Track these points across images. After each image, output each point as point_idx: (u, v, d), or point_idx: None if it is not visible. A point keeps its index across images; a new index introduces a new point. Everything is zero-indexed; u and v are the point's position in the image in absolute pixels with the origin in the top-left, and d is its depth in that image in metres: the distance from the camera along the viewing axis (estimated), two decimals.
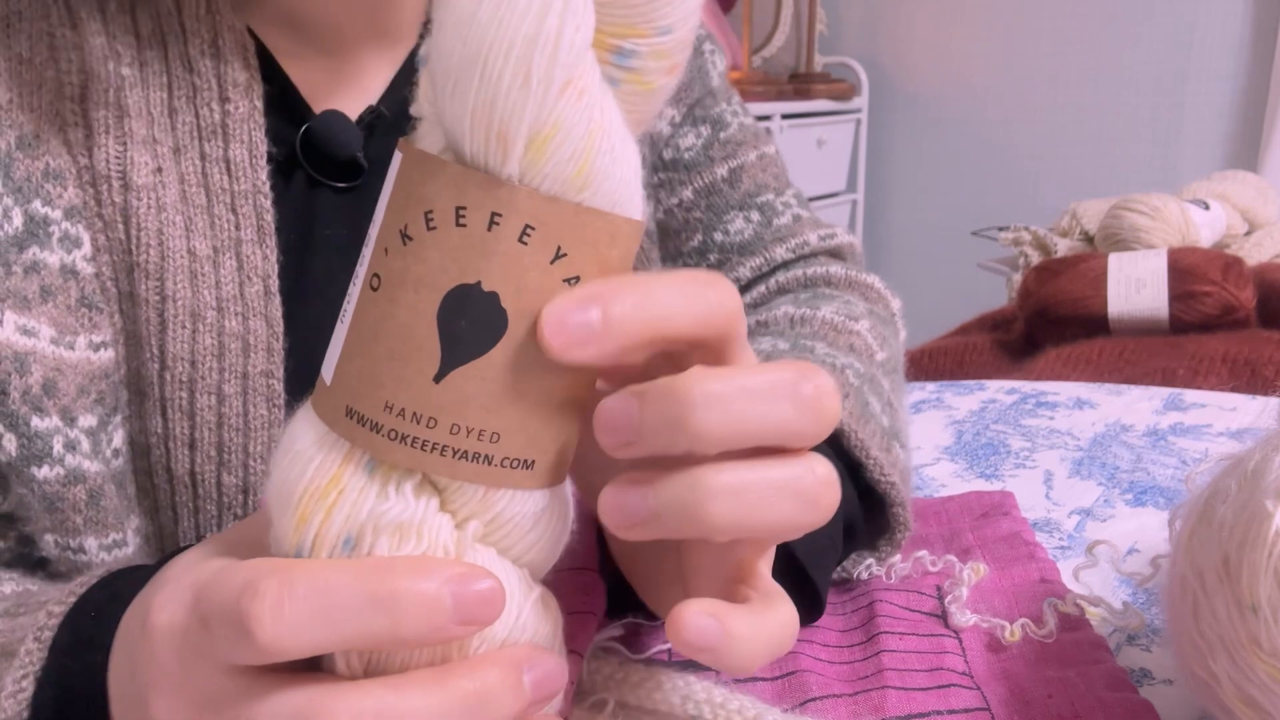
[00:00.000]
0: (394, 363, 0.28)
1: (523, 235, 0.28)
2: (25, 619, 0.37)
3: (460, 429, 0.29)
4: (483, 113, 0.27)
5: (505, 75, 0.27)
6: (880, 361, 0.55)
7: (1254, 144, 2.16)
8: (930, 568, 0.48)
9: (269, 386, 0.52)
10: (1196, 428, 0.67)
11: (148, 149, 0.50)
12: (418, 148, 0.29)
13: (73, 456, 0.49)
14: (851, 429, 0.46)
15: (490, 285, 0.28)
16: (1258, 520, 0.32)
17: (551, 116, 0.27)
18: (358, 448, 0.29)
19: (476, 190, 0.28)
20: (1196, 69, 2.22)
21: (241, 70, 0.52)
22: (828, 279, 0.64)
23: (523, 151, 0.27)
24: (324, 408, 0.30)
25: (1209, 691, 0.34)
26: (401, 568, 0.28)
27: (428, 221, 0.28)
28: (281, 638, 0.26)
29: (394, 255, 0.28)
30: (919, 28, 2.66)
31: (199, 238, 0.51)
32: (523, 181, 0.28)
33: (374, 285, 0.29)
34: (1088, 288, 1.24)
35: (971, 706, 0.39)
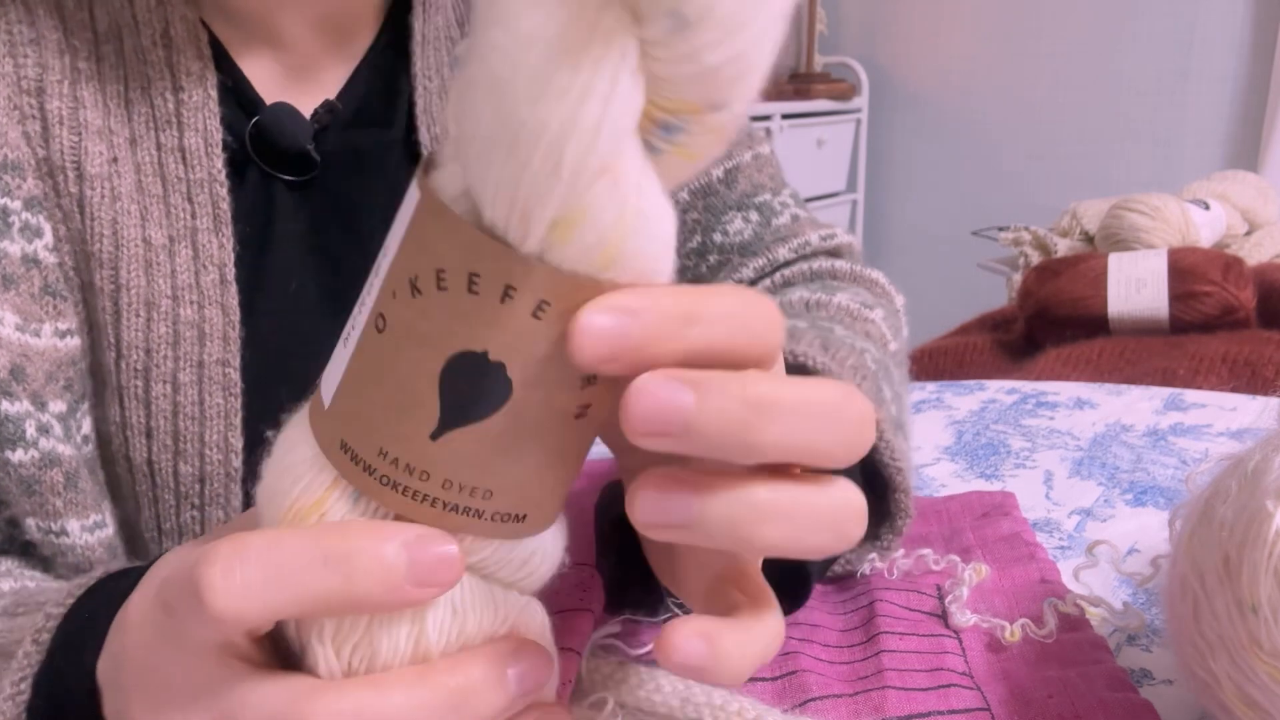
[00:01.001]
0: (392, 413, 0.28)
1: (537, 310, 0.26)
2: (24, 619, 0.38)
3: (453, 485, 0.28)
4: (506, 190, 0.25)
5: (534, 160, 0.25)
6: (893, 352, 0.55)
7: (1254, 144, 2.16)
8: (933, 566, 0.48)
9: (225, 375, 0.52)
10: (1196, 428, 0.67)
11: (103, 139, 0.51)
12: (436, 192, 0.27)
13: (46, 440, 0.49)
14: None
15: (497, 355, 0.27)
16: (1258, 520, 0.32)
17: (580, 204, 0.25)
18: (348, 480, 0.29)
19: (492, 260, 0.26)
20: (1196, 69, 2.22)
21: (194, 59, 0.52)
22: (833, 273, 0.64)
23: (545, 234, 0.26)
24: (320, 432, 0.29)
25: (1209, 692, 0.34)
26: (356, 529, 0.27)
27: (439, 280, 0.26)
28: (233, 600, 0.26)
29: (401, 303, 0.27)
30: (919, 28, 2.66)
31: (154, 226, 0.52)
32: (543, 259, 0.26)
33: (379, 327, 0.28)
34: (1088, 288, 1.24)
35: (971, 707, 0.39)
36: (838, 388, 0.28)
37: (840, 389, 0.28)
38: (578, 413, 0.28)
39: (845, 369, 0.47)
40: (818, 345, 0.48)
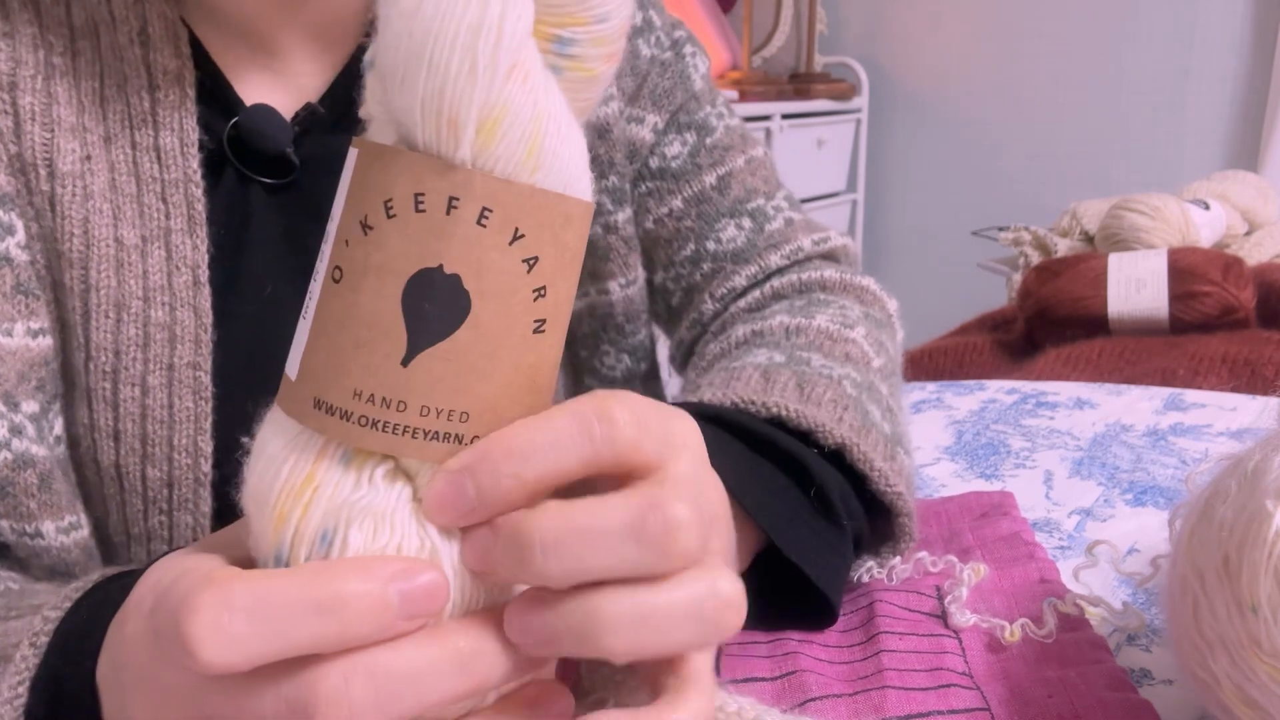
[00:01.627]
0: (361, 350, 0.29)
1: (481, 217, 0.28)
2: (19, 623, 0.37)
3: (430, 410, 0.29)
4: (433, 101, 0.28)
5: (452, 63, 0.28)
6: (877, 368, 0.55)
7: (1254, 144, 2.16)
8: (930, 568, 0.48)
9: (196, 379, 0.51)
10: (1196, 428, 0.67)
11: (76, 136, 0.50)
12: (372, 141, 0.29)
13: (19, 441, 0.49)
14: (853, 443, 0.46)
15: (452, 267, 0.28)
16: (1258, 520, 0.32)
17: (499, 100, 0.28)
18: (330, 439, 0.30)
19: (433, 176, 0.28)
20: (1196, 69, 2.22)
21: (172, 58, 0.51)
22: (823, 284, 0.64)
23: (474, 135, 0.28)
24: (292, 403, 0.30)
25: (1209, 692, 0.34)
26: (343, 571, 0.28)
27: (387, 210, 0.29)
28: (224, 654, 0.26)
29: (355, 245, 0.29)
30: (919, 28, 2.66)
31: (127, 226, 0.51)
32: (476, 165, 0.28)
33: (335, 277, 0.29)
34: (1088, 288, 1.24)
35: (971, 706, 0.39)
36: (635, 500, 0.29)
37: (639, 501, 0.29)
38: (536, 326, 0.30)
39: (824, 407, 0.47)
40: (793, 388, 0.48)
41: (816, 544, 0.44)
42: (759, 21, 2.64)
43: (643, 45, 0.65)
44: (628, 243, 0.66)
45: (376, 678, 0.27)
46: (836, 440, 0.46)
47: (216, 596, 0.26)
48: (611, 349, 0.69)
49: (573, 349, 0.70)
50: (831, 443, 0.46)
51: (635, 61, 0.65)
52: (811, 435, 0.46)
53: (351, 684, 0.27)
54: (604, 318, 0.68)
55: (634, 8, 0.31)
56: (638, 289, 0.68)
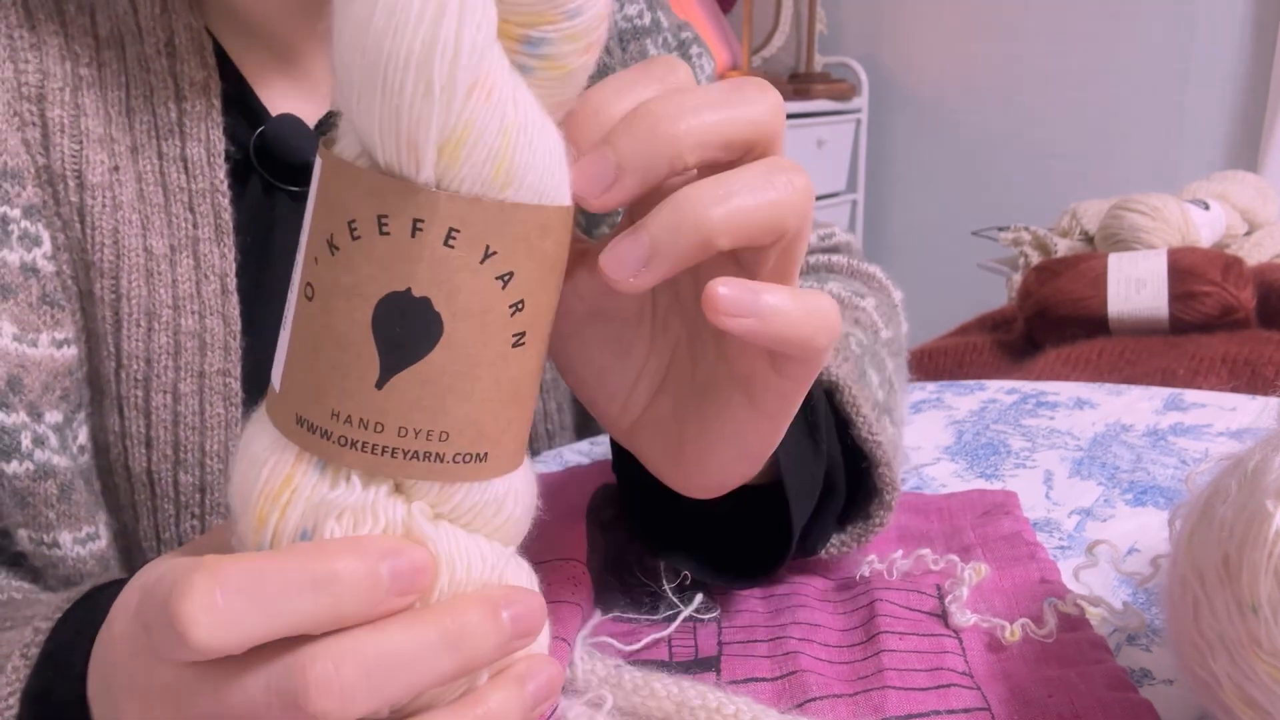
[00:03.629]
0: (335, 372, 0.28)
1: (448, 239, 0.27)
2: (12, 634, 0.37)
3: (408, 431, 0.29)
4: (390, 124, 0.27)
5: (407, 86, 0.26)
6: (885, 340, 0.55)
7: (1254, 144, 2.16)
8: (932, 566, 0.48)
9: (226, 385, 0.52)
10: (1196, 428, 0.67)
11: (104, 148, 0.50)
12: (335, 154, 0.28)
13: (42, 452, 0.49)
14: (846, 385, 0.46)
15: (420, 290, 0.28)
16: (1258, 520, 0.32)
17: (461, 120, 0.27)
18: (311, 453, 0.29)
19: (395, 198, 0.27)
20: (1196, 69, 2.22)
21: (198, 69, 0.52)
22: (830, 267, 0.64)
23: (435, 158, 0.27)
24: (276, 415, 0.30)
25: (1209, 691, 0.34)
26: (334, 547, 0.28)
27: (351, 231, 0.28)
28: (216, 634, 0.26)
29: (323, 265, 0.28)
30: (919, 28, 2.66)
31: (156, 236, 0.51)
32: (441, 186, 0.27)
33: (308, 295, 0.29)
34: (1088, 288, 1.24)
35: (971, 706, 0.39)
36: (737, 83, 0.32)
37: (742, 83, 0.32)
38: (515, 341, 0.29)
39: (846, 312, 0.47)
40: None
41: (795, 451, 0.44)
42: (759, 21, 2.64)
43: (650, 46, 0.66)
44: None
45: (366, 660, 0.27)
46: (831, 377, 0.46)
47: (207, 577, 0.26)
48: None
49: None
50: (826, 379, 0.46)
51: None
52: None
53: (341, 667, 0.27)
54: None
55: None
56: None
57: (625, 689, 0.38)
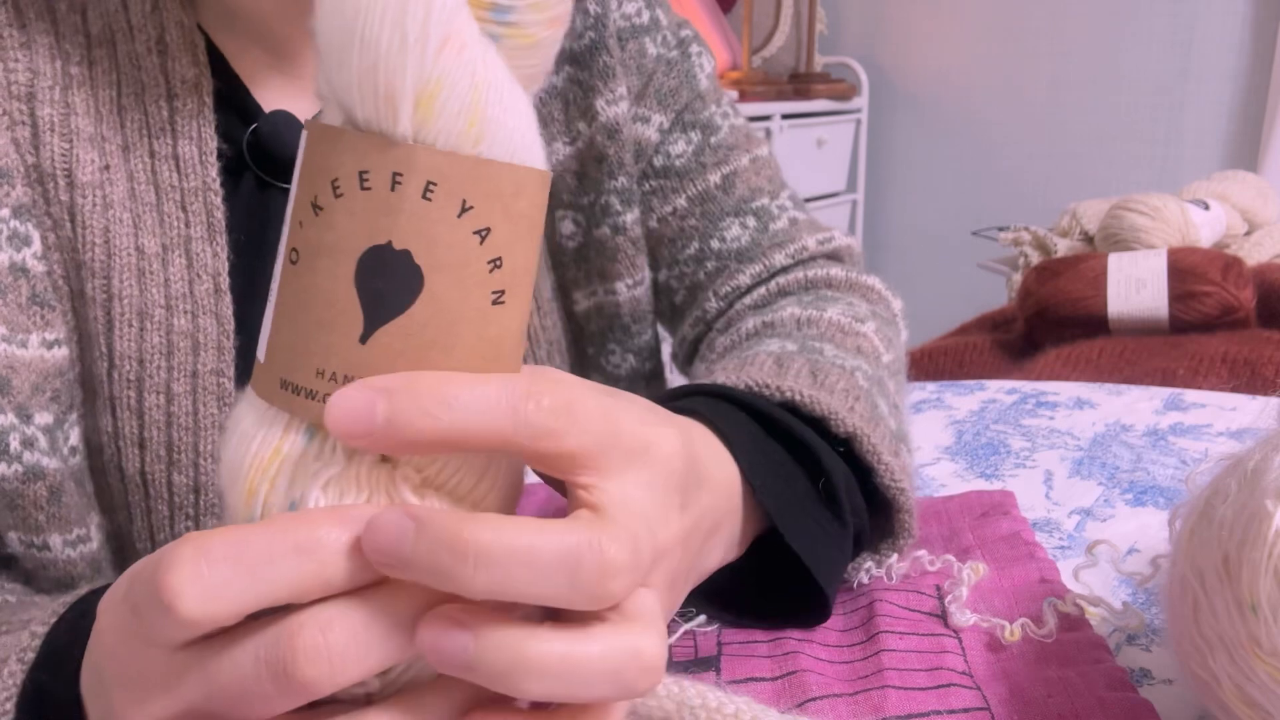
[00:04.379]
0: (320, 330, 0.29)
1: (426, 191, 0.28)
2: (8, 639, 0.37)
3: None
4: (368, 78, 0.28)
5: (383, 38, 0.27)
6: (886, 364, 0.55)
7: (1254, 144, 2.16)
8: (929, 567, 0.48)
9: (219, 385, 0.52)
10: (1196, 428, 0.67)
11: (95, 146, 0.50)
12: (319, 122, 0.30)
13: (30, 453, 0.49)
14: (864, 433, 0.45)
15: (401, 243, 0.29)
16: (1258, 520, 0.32)
17: (435, 73, 0.28)
18: (296, 417, 0.30)
19: (375, 153, 0.28)
20: (1196, 69, 2.22)
21: (190, 66, 0.51)
22: (829, 281, 0.64)
23: (412, 110, 0.28)
24: (261, 385, 0.30)
25: (1209, 691, 0.34)
26: (318, 517, 0.28)
27: (334, 189, 0.29)
28: (204, 603, 0.26)
29: (308, 227, 0.29)
30: (919, 28, 2.66)
31: (147, 235, 0.51)
32: (417, 140, 0.28)
33: (293, 259, 0.30)
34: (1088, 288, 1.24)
35: (971, 706, 0.39)
36: (579, 531, 0.28)
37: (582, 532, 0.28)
38: (494, 298, 0.30)
39: (836, 395, 0.47)
40: (806, 374, 0.48)
41: (819, 535, 0.44)
42: (759, 21, 2.64)
43: (649, 44, 0.65)
44: (635, 244, 0.66)
45: (355, 626, 0.27)
46: (848, 429, 0.45)
47: (193, 548, 0.27)
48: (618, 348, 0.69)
49: (579, 346, 0.70)
50: (843, 430, 0.45)
51: (642, 60, 0.65)
52: (824, 422, 0.45)
53: (329, 634, 0.27)
54: (611, 317, 0.68)
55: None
56: (644, 290, 0.68)
57: None
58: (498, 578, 0.27)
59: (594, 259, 0.66)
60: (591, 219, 0.66)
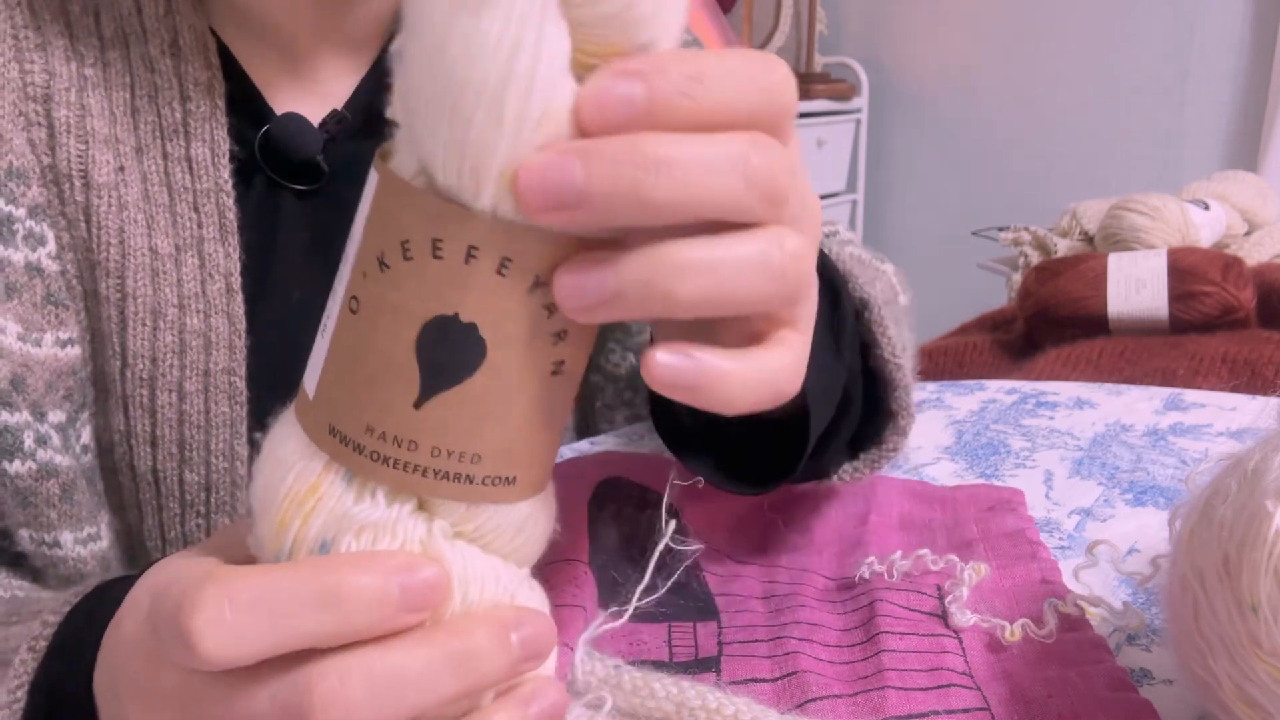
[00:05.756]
0: (374, 388, 0.28)
1: (500, 267, 0.27)
2: (19, 628, 0.37)
3: (441, 451, 0.29)
4: (455, 150, 0.26)
5: (477, 116, 0.26)
6: (904, 306, 0.54)
7: (1254, 144, 2.16)
8: (931, 566, 0.48)
9: (231, 384, 0.52)
10: (1196, 428, 0.67)
11: (109, 148, 0.51)
12: (393, 169, 0.28)
13: (44, 451, 0.49)
14: (876, 304, 0.46)
15: (468, 316, 0.28)
16: (1258, 520, 0.32)
17: (527, 153, 0.26)
18: (340, 464, 0.29)
19: (452, 223, 0.27)
20: (1196, 69, 2.22)
21: (202, 69, 0.52)
22: None
23: (495, 188, 0.27)
24: (307, 422, 0.30)
25: (1209, 691, 0.34)
26: (345, 563, 0.27)
27: (404, 251, 0.27)
28: (225, 647, 0.26)
29: (372, 281, 0.28)
30: (919, 28, 2.66)
31: (161, 235, 0.51)
32: (497, 213, 0.27)
33: (353, 308, 0.29)
34: (1088, 288, 1.24)
35: (971, 706, 0.39)
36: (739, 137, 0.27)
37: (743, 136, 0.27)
38: (554, 369, 0.29)
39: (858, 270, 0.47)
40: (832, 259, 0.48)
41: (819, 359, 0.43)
42: (759, 21, 2.64)
43: None
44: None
45: (373, 678, 0.27)
46: (863, 294, 0.45)
47: (218, 590, 0.26)
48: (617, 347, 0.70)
49: None
50: (858, 294, 0.45)
51: None
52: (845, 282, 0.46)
53: (347, 684, 0.26)
54: None
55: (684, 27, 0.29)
56: None
57: (625, 690, 0.38)
58: (680, 182, 0.26)
59: None
60: None
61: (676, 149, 0.26)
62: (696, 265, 0.27)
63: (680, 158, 0.26)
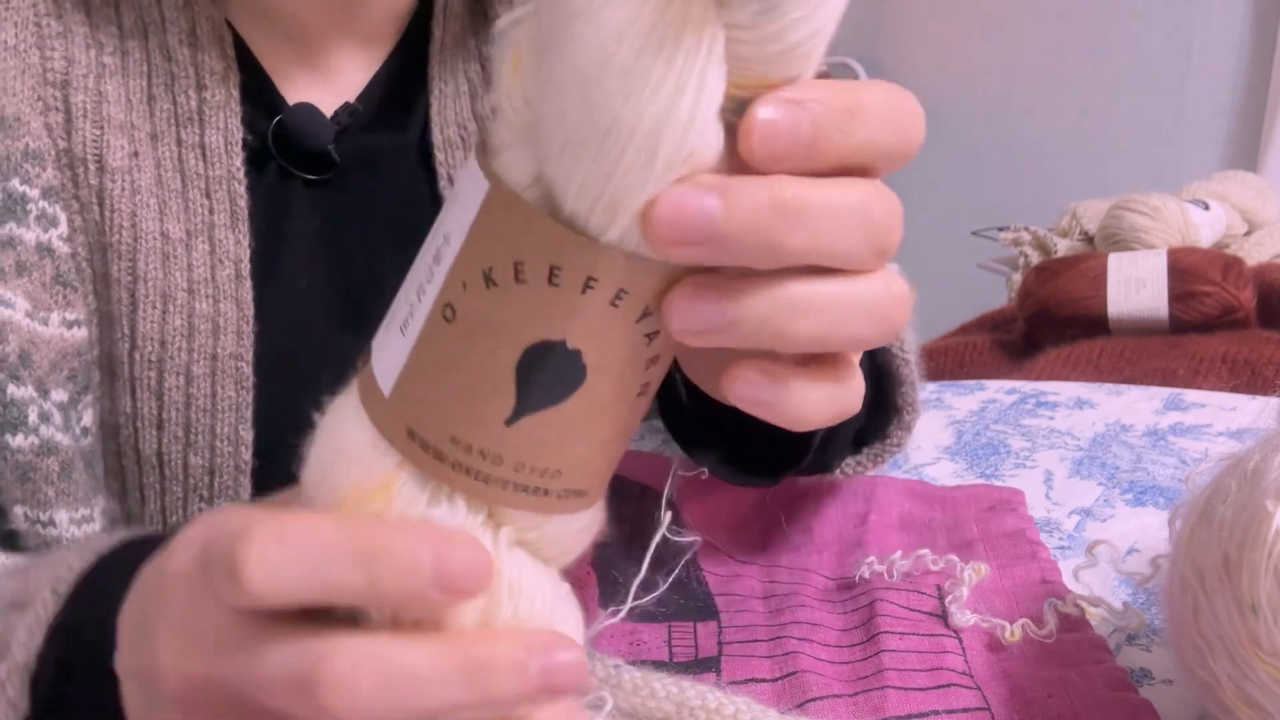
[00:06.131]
0: (466, 401, 0.28)
1: (616, 299, 0.27)
2: (43, 574, 0.38)
3: (525, 467, 0.28)
4: (595, 184, 0.25)
5: (627, 155, 0.25)
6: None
7: (1254, 144, 2.16)
8: (932, 566, 0.48)
9: (238, 369, 0.53)
10: (1196, 428, 0.67)
11: (124, 134, 0.52)
12: (503, 176, 0.27)
13: (46, 428, 0.50)
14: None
15: (575, 343, 0.27)
16: (1257, 520, 0.32)
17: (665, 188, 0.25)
18: (414, 466, 0.29)
19: (574, 253, 0.26)
20: (1196, 69, 2.22)
21: (218, 59, 0.54)
22: None
23: (629, 222, 0.26)
24: (382, 419, 0.29)
25: (1209, 691, 0.34)
26: (389, 529, 0.28)
27: (517, 273, 0.27)
28: (265, 581, 0.27)
29: (474, 294, 0.27)
30: (919, 28, 2.66)
31: (172, 221, 0.53)
32: (621, 246, 0.26)
33: (447, 316, 0.28)
34: (1087, 288, 1.24)
35: (971, 706, 0.39)
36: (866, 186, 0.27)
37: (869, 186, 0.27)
38: (640, 390, 0.29)
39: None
40: None
41: None
42: None
43: None
44: None
45: (384, 670, 0.27)
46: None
47: (271, 530, 0.27)
48: None
49: None
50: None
51: None
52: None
53: (358, 671, 0.27)
54: None
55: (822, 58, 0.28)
56: None
57: (625, 690, 0.38)
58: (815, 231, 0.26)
59: None
60: None
61: (812, 194, 0.26)
62: (816, 306, 0.27)
63: (814, 207, 0.26)
